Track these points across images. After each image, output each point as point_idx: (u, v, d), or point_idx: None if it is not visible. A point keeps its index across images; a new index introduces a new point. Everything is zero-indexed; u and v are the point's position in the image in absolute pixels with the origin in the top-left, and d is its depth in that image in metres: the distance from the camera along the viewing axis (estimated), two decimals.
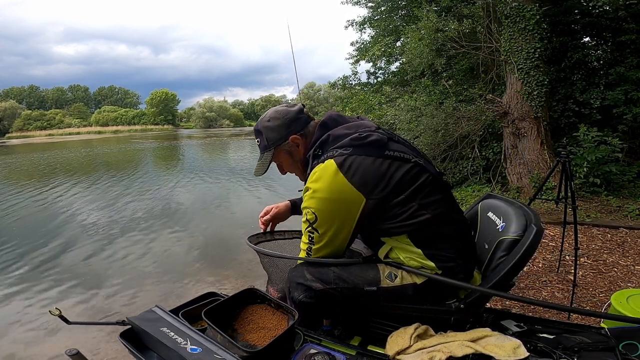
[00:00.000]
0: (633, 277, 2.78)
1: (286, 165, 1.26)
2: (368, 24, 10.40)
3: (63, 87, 76.60)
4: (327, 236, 1.07)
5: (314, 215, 1.05)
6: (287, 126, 1.19)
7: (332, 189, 1.03)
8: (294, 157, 1.23)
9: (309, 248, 1.12)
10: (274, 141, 1.21)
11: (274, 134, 1.20)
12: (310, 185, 1.07)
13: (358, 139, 1.07)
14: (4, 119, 57.69)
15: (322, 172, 1.05)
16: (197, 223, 5.54)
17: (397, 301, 1.10)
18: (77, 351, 0.90)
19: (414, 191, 1.05)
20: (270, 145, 1.21)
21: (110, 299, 3.22)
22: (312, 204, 1.05)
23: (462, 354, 0.87)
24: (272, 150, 1.21)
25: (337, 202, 1.03)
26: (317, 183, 1.05)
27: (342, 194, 1.03)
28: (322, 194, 1.04)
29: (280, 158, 1.24)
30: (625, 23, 5.56)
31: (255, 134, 1.26)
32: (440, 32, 6.49)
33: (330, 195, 1.03)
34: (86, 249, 4.55)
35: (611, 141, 4.67)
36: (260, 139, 1.24)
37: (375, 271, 1.10)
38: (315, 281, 1.10)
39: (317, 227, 1.07)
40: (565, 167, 2.38)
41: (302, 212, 1.11)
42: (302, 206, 1.10)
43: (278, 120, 1.20)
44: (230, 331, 1.01)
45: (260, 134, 1.23)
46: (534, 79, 5.14)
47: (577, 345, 0.93)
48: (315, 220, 1.06)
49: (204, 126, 59.87)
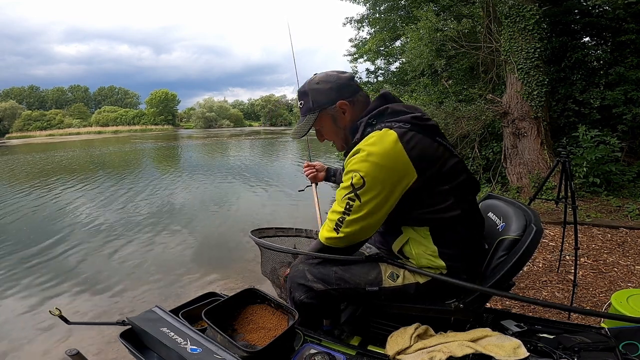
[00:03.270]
0: (633, 277, 2.78)
1: (327, 131, 1.21)
2: (367, 21, 10.42)
3: (63, 87, 76.71)
4: (369, 206, 1.00)
5: (362, 180, 0.98)
6: (337, 90, 1.15)
7: (389, 155, 0.98)
8: (337, 123, 1.18)
9: (341, 219, 1.03)
10: (320, 104, 1.16)
11: (322, 97, 1.16)
12: (364, 147, 1.00)
13: (420, 118, 1.06)
14: (4, 119, 57.71)
15: (379, 138, 1.00)
16: (197, 223, 5.54)
17: (398, 301, 1.10)
18: (77, 351, 0.90)
19: (456, 186, 1.05)
20: (315, 108, 1.17)
21: (110, 299, 3.22)
22: (363, 167, 0.98)
23: (462, 354, 0.87)
24: (316, 113, 1.17)
25: (390, 170, 0.98)
26: (373, 146, 0.99)
27: (397, 163, 0.98)
28: (377, 158, 0.97)
29: (323, 122, 1.19)
30: (625, 23, 5.56)
31: (300, 95, 1.21)
32: (440, 32, 6.49)
33: (385, 161, 0.98)
34: (86, 248, 4.55)
35: (610, 141, 4.67)
36: (304, 100, 1.19)
37: (377, 271, 1.10)
38: (316, 282, 1.10)
39: (361, 194, 0.99)
40: (565, 167, 2.38)
41: (344, 177, 1.04)
42: (348, 169, 1.02)
43: (328, 84, 1.16)
44: (230, 331, 1.01)
45: (305, 95, 1.18)
46: (533, 79, 5.14)
47: (577, 345, 0.93)
48: (362, 185, 0.98)
49: (204, 126, 59.87)
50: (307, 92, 1.18)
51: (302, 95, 1.20)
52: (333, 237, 1.05)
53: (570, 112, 5.86)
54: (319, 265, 1.13)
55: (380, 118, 1.09)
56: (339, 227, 1.04)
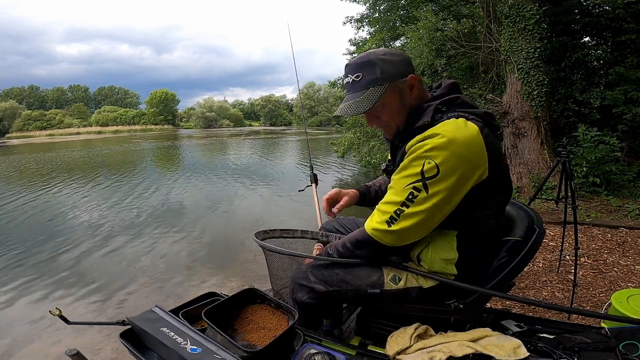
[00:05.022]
0: (633, 277, 2.78)
1: (390, 109, 1.04)
2: (366, 21, 10.43)
3: (63, 87, 76.67)
4: (436, 199, 0.91)
5: (436, 169, 0.88)
6: (407, 64, 1.05)
7: (472, 145, 0.89)
8: (403, 100, 1.04)
9: (398, 212, 0.94)
10: (391, 75, 1.01)
11: (392, 68, 1.02)
12: (443, 132, 0.89)
13: (492, 116, 1.01)
14: (4, 119, 57.71)
15: (460, 126, 0.91)
16: (197, 223, 5.54)
17: (399, 303, 1.09)
18: (77, 351, 0.90)
19: (502, 193, 1.02)
20: (384, 79, 1.01)
21: (110, 299, 3.22)
22: (441, 154, 0.88)
23: (462, 354, 0.87)
24: (385, 84, 1.01)
25: (470, 162, 0.90)
26: (455, 133, 0.89)
27: (477, 156, 0.90)
28: (459, 147, 0.88)
29: (387, 98, 1.02)
30: (625, 23, 5.56)
31: (358, 67, 1.03)
32: (440, 32, 6.49)
33: (467, 152, 0.89)
34: (86, 248, 4.55)
35: (610, 140, 4.67)
36: (364, 72, 1.02)
37: (379, 274, 1.08)
38: (318, 283, 1.10)
39: (431, 184, 0.90)
40: (565, 166, 2.38)
41: (409, 163, 0.93)
42: (419, 154, 0.91)
43: (397, 56, 1.04)
44: (230, 331, 1.01)
45: (370, 65, 1.01)
46: (534, 79, 5.14)
47: (577, 345, 0.93)
48: (435, 175, 0.89)
49: (203, 126, 59.87)
50: (372, 61, 1.01)
51: (363, 65, 1.03)
52: (382, 230, 0.97)
53: (570, 112, 5.86)
54: (321, 267, 1.12)
55: (451, 106, 1.00)
56: (394, 220, 0.95)
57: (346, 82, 1.07)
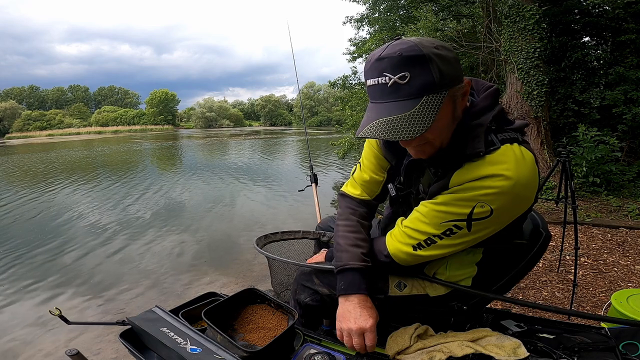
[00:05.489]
0: (633, 277, 2.78)
1: (441, 125, 0.76)
2: (366, 21, 10.43)
3: (63, 87, 76.81)
4: (476, 236, 0.82)
5: (490, 212, 0.77)
6: (459, 62, 0.79)
7: (532, 182, 0.77)
8: (455, 112, 0.79)
9: (429, 241, 0.85)
10: (450, 78, 0.73)
11: (451, 69, 0.74)
12: (506, 172, 0.74)
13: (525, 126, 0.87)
14: (4, 119, 57.78)
15: (521, 161, 0.76)
16: (198, 223, 5.54)
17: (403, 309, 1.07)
18: (77, 351, 0.90)
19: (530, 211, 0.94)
20: (444, 85, 0.72)
21: (110, 299, 3.22)
22: (499, 199, 0.75)
23: (462, 354, 0.87)
24: (444, 93, 0.73)
25: (527, 201, 0.79)
26: (517, 172, 0.74)
27: (533, 193, 0.79)
28: (520, 189, 0.75)
29: (444, 111, 0.75)
30: (625, 23, 5.56)
31: (403, 62, 0.70)
32: (440, 32, 6.50)
33: (527, 192, 0.77)
34: (87, 249, 4.55)
35: (609, 140, 4.67)
36: (415, 72, 0.70)
37: (383, 280, 1.06)
38: (323, 286, 1.09)
39: (476, 224, 0.79)
40: (565, 166, 2.38)
41: (455, 202, 0.80)
42: (473, 196, 0.76)
43: (451, 53, 0.76)
44: (230, 331, 1.01)
45: (424, 62, 0.70)
46: (533, 79, 5.15)
47: (577, 345, 0.93)
48: (486, 217, 0.77)
49: (203, 126, 59.92)
50: (427, 57, 0.70)
51: (412, 61, 0.70)
52: (407, 252, 0.89)
53: (570, 112, 5.87)
54: (326, 272, 1.10)
55: (499, 123, 0.82)
56: (422, 247, 0.86)
57: (379, 84, 0.73)
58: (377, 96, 0.75)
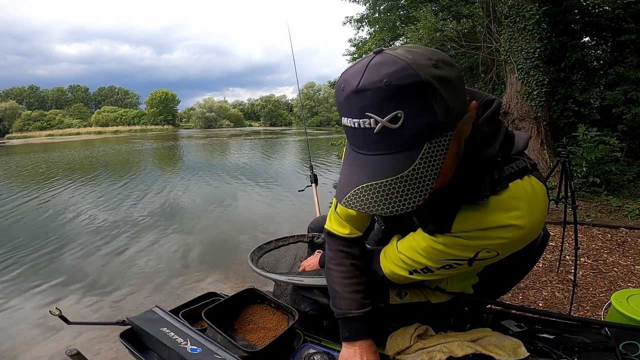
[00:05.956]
0: (633, 277, 2.78)
1: (443, 172, 0.57)
2: (366, 21, 10.44)
3: (63, 87, 76.77)
4: (480, 264, 0.78)
5: (496, 255, 0.72)
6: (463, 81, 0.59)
7: (542, 219, 0.69)
8: (460, 147, 0.64)
9: (426, 269, 0.81)
10: (459, 111, 0.57)
11: (458, 96, 0.56)
12: (519, 221, 0.66)
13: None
14: (4, 119, 57.79)
15: (532, 202, 0.67)
16: (198, 223, 5.54)
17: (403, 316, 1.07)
18: (77, 351, 0.90)
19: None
20: (452, 120, 0.55)
21: (110, 299, 3.21)
22: (507, 247, 0.70)
23: (462, 354, 0.87)
24: (453, 132, 0.56)
25: (531, 237, 0.71)
26: (531, 217, 0.67)
27: (542, 225, 0.71)
28: (529, 233, 0.68)
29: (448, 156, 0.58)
30: (625, 23, 5.56)
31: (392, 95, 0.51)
32: (440, 32, 6.50)
33: (534, 233, 0.70)
34: (87, 249, 4.54)
35: (609, 141, 4.67)
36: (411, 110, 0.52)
37: (384, 289, 1.05)
38: (322, 296, 1.09)
39: (481, 262, 0.76)
40: (565, 166, 2.38)
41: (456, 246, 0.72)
42: (479, 245, 0.70)
43: (454, 69, 0.56)
44: (230, 331, 1.01)
45: (425, 93, 0.52)
46: (533, 79, 5.15)
47: (577, 345, 0.93)
48: (492, 257, 0.73)
49: (203, 126, 59.92)
50: (426, 84, 0.51)
51: (408, 93, 0.51)
52: (403, 276, 0.87)
53: (570, 112, 5.87)
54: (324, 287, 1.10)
55: (505, 152, 0.70)
56: (418, 272, 0.83)
57: (362, 128, 0.55)
58: (359, 144, 0.57)
